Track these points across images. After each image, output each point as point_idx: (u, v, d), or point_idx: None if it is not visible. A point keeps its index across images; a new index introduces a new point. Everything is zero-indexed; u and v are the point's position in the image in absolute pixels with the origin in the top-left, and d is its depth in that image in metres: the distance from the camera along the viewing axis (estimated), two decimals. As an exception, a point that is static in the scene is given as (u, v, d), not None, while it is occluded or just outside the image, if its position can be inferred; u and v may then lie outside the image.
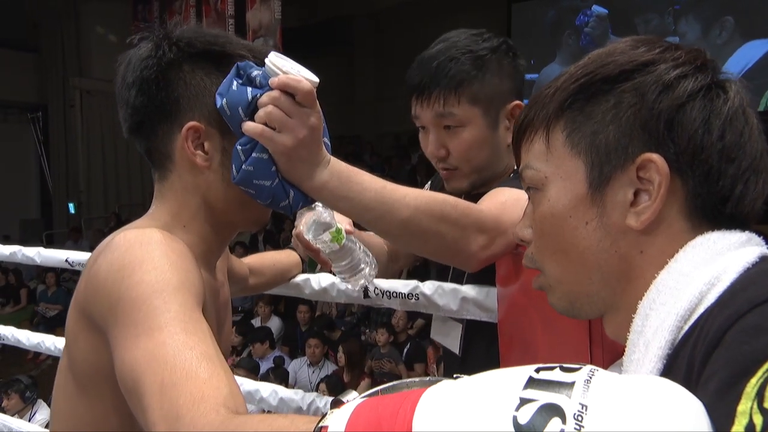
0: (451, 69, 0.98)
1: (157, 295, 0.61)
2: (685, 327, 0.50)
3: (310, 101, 0.72)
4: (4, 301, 7.60)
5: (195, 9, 7.67)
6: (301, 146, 0.72)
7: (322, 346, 4.62)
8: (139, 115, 0.76)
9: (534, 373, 0.41)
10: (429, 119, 1.02)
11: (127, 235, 0.68)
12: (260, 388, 1.42)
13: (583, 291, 0.59)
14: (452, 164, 1.03)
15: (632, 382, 0.41)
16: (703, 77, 0.56)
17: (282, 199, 0.76)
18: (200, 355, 0.56)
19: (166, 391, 0.53)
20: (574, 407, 0.38)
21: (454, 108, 0.99)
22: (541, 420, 0.38)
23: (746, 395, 0.40)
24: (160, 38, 0.76)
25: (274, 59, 0.72)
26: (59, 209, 10.03)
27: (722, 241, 0.53)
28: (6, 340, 2.01)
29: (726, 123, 0.55)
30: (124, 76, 0.77)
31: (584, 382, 0.40)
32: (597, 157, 0.56)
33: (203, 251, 0.78)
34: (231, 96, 0.72)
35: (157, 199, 0.79)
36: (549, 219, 0.60)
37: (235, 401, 0.54)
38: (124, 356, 0.58)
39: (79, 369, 0.71)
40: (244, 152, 0.73)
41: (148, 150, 0.79)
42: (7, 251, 1.87)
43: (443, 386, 0.43)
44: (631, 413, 0.38)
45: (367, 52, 10.89)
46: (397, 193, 0.80)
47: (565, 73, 0.61)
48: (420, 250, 0.90)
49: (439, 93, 0.99)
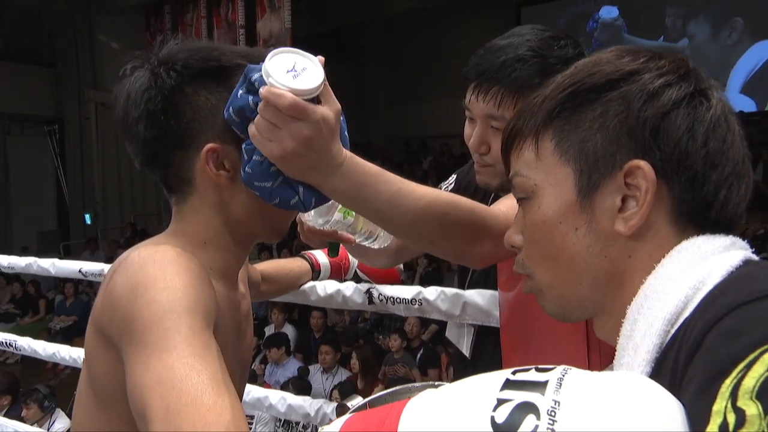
0: (516, 70, 0.93)
1: (168, 316, 0.61)
2: (671, 331, 0.51)
3: (297, 113, 0.69)
4: (23, 312, 7.71)
5: (206, 20, 7.77)
6: (293, 157, 0.70)
7: (334, 353, 4.63)
8: (152, 147, 0.76)
9: (510, 375, 0.43)
10: (480, 113, 0.98)
11: (141, 253, 0.69)
12: (269, 395, 1.44)
13: (574, 295, 0.60)
14: (489, 161, 1.00)
15: (604, 377, 0.42)
16: (687, 85, 0.57)
17: (290, 198, 0.75)
18: (207, 380, 0.57)
19: (171, 417, 0.54)
20: (547, 404, 0.40)
21: (507, 112, 0.94)
22: (517, 418, 0.40)
23: (721, 395, 0.41)
24: (154, 65, 0.75)
25: (268, 64, 0.69)
26: (76, 220, 10.17)
27: (707, 246, 0.54)
28: (23, 351, 2.05)
29: (709, 130, 0.56)
30: (126, 110, 0.76)
31: (557, 380, 0.41)
32: (585, 164, 0.58)
33: (224, 266, 0.79)
34: (235, 103, 0.72)
35: (177, 221, 0.79)
36: (539, 225, 0.61)
37: (237, 427, 0.54)
38: (135, 379, 0.60)
39: (98, 383, 0.72)
40: (247, 153, 0.73)
41: (164, 177, 0.79)
42: (22, 263, 1.92)
43: (426, 394, 0.45)
44: (603, 406, 0.40)
45: (378, 59, 10.95)
46: (413, 196, 0.78)
47: (553, 83, 0.62)
48: (429, 250, 0.91)
49: (498, 92, 0.94)
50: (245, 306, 0.90)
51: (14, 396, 4.07)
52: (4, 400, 4.01)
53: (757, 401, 0.39)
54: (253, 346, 1.00)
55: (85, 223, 9.84)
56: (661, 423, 0.40)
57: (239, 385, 0.90)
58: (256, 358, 5.07)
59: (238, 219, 0.78)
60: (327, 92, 0.72)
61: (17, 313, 7.71)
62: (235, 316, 0.82)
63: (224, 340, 0.72)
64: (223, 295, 0.76)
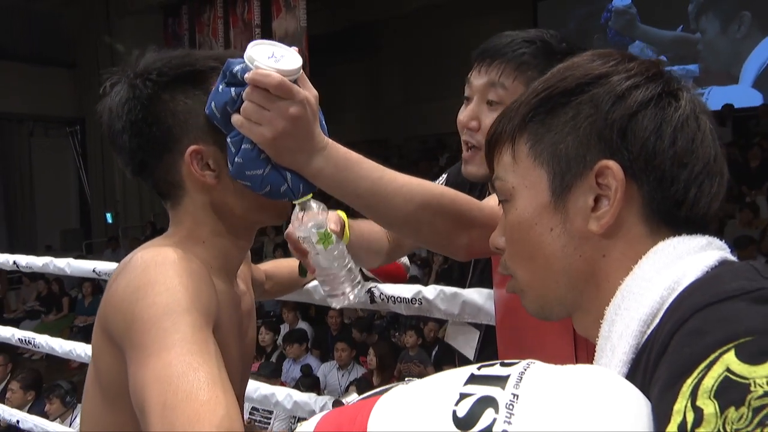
0: (521, 48, 0.98)
1: (167, 316, 0.64)
2: (647, 331, 0.52)
3: (284, 92, 0.71)
4: (48, 310, 7.87)
5: (223, 20, 7.84)
6: (283, 137, 0.72)
7: (350, 350, 4.66)
8: (139, 156, 0.79)
9: (476, 370, 0.44)
10: (478, 87, 1.01)
11: (143, 256, 0.71)
12: (276, 391, 1.46)
13: (552, 294, 0.62)
14: (478, 141, 1.01)
15: (566, 371, 0.43)
16: (654, 87, 0.58)
17: (280, 185, 0.76)
18: (203, 377, 0.59)
19: (167, 412, 0.57)
20: (506, 398, 0.41)
21: (507, 81, 0.98)
22: (477, 412, 0.41)
23: (682, 394, 0.42)
24: (131, 78, 0.78)
25: (250, 51, 0.72)
26: (97, 219, 10.36)
27: (682, 246, 0.55)
28: (41, 348, 2.10)
29: (677, 129, 0.57)
30: (110, 124, 0.79)
31: (519, 374, 0.43)
32: (558, 166, 0.59)
33: (223, 264, 0.82)
34: (217, 98, 0.74)
35: (174, 224, 0.82)
36: (517, 227, 0.62)
37: (230, 423, 0.57)
38: (135, 378, 0.62)
39: (104, 380, 0.74)
40: (234, 144, 0.74)
41: (155, 184, 0.82)
42: (39, 262, 1.97)
43: (396, 390, 0.46)
44: (561, 400, 0.41)
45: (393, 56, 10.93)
46: (394, 183, 0.79)
47: (530, 88, 0.64)
48: (411, 238, 0.91)
49: (501, 63, 0.98)
50: (246, 303, 0.92)
51: (38, 392, 4.16)
52: (28, 396, 4.10)
53: (714, 400, 0.40)
54: (255, 343, 1.01)
55: (106, 221, 10.01)
56: (621, 418, 0.41)
57: (241, 381, 0.91)
58: (273, 355, 5.12)
59: (237, 214, 0.80)
60: (304, 78, 0.75)
61: (42, 311, 7.87)
62: (236, 314, 0.84)
63: (225, 338, 0.74)
64: (223, 293, 0.78)
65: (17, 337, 2.21)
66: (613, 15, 8.23)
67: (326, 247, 0.88)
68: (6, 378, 4.45)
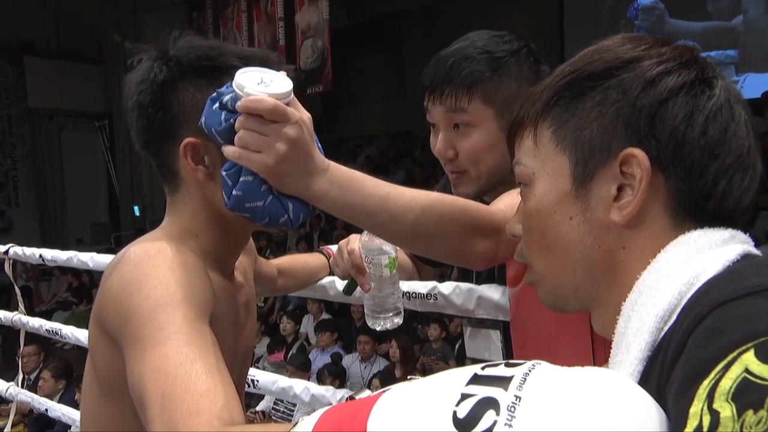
0: (465, 68, 0.96)
1: (162, 309, 0.64)
2: (665, 328, 0.50)
3: (279, 115, 0.70)
4: (78, 301, 8.07)
5: (246, 14, 7.88)
6: (284, 161, 0.70)
7: (373, 343, 4.67)
8: (143, 136, 0.79)
9: (480, 370, 0.43)
10: (440, 116, 1.00)
11: (137, 249, 0.71)
12: (293, 384, 1.47)
13: (569, 286, 0.60)
14: (461, 166, 1.00)
15: (572, 373, 0.42)
16: (688, 73, 0.55)
17: (280, 215, 0.75)
18: (200, 368, 0.59)
19: (166, 404, 0.57)
20: (508, 399, 0.40)
21: (465, 104, 0.96)
22: (478, 413, 0.40)
23: (698, 397, 0.40)
24: (153, 59, 0.78)
25: (239, 79, 0.71)
26: (126, 212, 10.55)
27: (703, 240, 0.53)
28: (67, 339, 2.15)
29: (709, 119, 0.54)
30: (126, 98, 0.79)
31: (523, 375, 0.41)
32: (581, 152, 0.56)
33: (217, 258, 0.81)
34: (208, 118, 0.73)
35: (170, 212, 0.82)
36: (535, 214, 0.60)
37: (230, 413, 0.56)
38: (133, 371, 0.62)
39: (101, 374, 0.75)
40: (231, 177, 0.73)
41: (158, 166, 0.82)
42: (64, 256, 2.01)
43: (398, 388, 0.45)
44: (564, 403, 0.39)
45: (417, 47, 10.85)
46: (403, 198, 0.77)
47: (555, 71, 0.61)
48: (426, 253, 0.90)
49: (452, 90, 0.97)
50: (244, 295, 0.92)
51: (68, 380, 4.26)
52: (59, 384, 4.20)
53: (732, 403, 0.38)
54: (255, 334, 1.02)
55: (134, 214, 10.19)
56: (625, 422, 0.40)
57: (240, 372, 0.92)
58: (294, 346, 5.17)
59: (225, 214, 0.78)
60: (296, 101, 0.74)
61: (74, 302, 8.08)
62: (233, 305, 0.84)
63: (222, 329, 0.74)
64: (219, 285, 0.78)
65: (45, 328, 2.26)
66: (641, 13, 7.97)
67: (392, 272, 0.89)
68: (39, 367, 4.57)
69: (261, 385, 1.52)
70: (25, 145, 10.05)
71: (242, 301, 0.91)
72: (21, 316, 2.33)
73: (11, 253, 2.27)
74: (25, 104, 9.86)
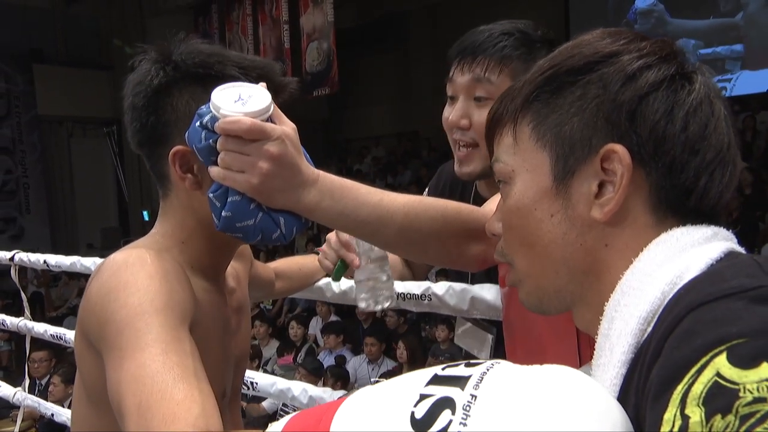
0: (501, 41, 0.97)
1: (139, 317, 0.64)
2: (648, 329, 0.49)
3: (257, 135, 0.68)
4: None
5: (251, 18, 7.91)
6: (270, 178, 0.69)
7: (380, 345, 4.68)
8: (137, 137, 0.80)
9: (440, 370, 0.43)
10: (463, 84, 1.00)
11: (116, 258, 0.71)
12: (292, 386, 1.47)
13: (550, 285, 0.59)
14: (473, 139, 0.99)
15: (530, 372, 0.42)
16: (668, 68, 0.54)
17: (272, 231, 0.74)
18: (177, 376, 0.59)
19: (142, 413, 0.57)
20: (464, 399, 0.40)
21: (493, 76, 0.96)
22: (434, 413, 0.40)
23: (672, 402, 0.40)
24: (152, 61, 0.77)
25: (215, 99, 0.70)
26: (135, 217, 10.61)
27: (685, 238, 0.52)
28: (71, 344, 2.17)
29: (690, 114, 0.53)
30: (124, 97, 0.80)
31: (480, 374, 0.41)
32: (561, 149, 0.56)
33: (205, 264, 0.81)
34: (191, 134, 0.72)
35: (160, 217, 0.83)
36: (515, 212, 0.59)
37: (206, 421, 0.56)
38: (111, 379, 0.62)
39: (87, 383, 0.75)
40: (218, 198, 0.72)
41: (151, 168, 0.82)
42: (67, 261, 2.02)
43: (363, 391, 0.46)
44: (520, 402, 0.39)
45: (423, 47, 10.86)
46: (395, 204, 0.77)
47: (535, 66, 0.60)
48: (421, 257, 0.89)
49: (484, 59, 0.97)
50: (236, 300, 0.92)
51: (78, 385, 4.30)
52: (69, 389, 4.22)
53: (702, 407, 0.38)
54: (249, 338, 1.01)
55: (143, 219, 10.25)
56: (582, 420, 0.39)
57: (236, 376, 0.92)
58: (302, 349, 5.18)
59: (211, 224, 0.77)
60: (278, 114, 0.73)
61: (85, 307, 8.13)
62: (221, 311, 0.84)
63: (205, 336, 0.73)
64: (205, 292, 0.78)
65: (50, 333, 2.28)
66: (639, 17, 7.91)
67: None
68: (49, 372, 4.60)
69: (260, 387, 1.53)
70: (35, 152, 10.16)
71: (234, 306, 0.91)
72: (26, 321, 2.36)
73: (17, 259, 2.29)
74: (35, 111, 9.96)
